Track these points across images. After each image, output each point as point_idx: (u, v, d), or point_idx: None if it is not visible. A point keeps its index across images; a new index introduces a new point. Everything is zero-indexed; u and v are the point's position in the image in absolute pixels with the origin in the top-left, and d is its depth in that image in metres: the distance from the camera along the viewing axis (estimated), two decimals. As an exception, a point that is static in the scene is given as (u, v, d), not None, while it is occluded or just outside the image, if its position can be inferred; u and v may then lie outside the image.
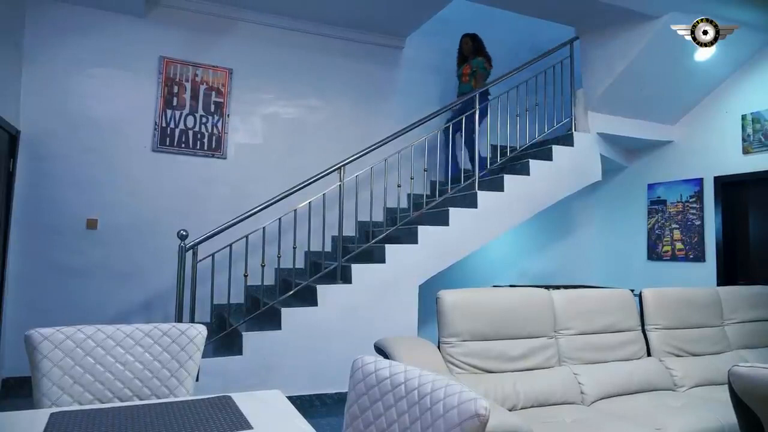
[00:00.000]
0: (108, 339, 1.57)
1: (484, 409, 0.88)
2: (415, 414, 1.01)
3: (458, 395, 0.93)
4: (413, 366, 2.59)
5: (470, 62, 5.13)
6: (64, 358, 1.50)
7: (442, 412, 0.93)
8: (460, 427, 0.88)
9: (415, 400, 1.02)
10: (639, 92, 4.93)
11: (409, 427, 1.01)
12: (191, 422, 1.34)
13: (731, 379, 1.19)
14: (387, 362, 1.19)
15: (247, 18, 4.94)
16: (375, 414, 1.12)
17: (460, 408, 0.90)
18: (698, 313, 3.41)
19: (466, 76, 5.10)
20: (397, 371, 1.13)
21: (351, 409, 1.19)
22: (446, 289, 2.83)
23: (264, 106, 5.04)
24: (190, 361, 1.62)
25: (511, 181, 4.58)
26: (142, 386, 1.57)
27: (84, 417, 1.34)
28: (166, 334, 1.63)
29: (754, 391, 1.13)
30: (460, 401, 0.91)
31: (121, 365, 1.56)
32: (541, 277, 5.93)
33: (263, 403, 1.51)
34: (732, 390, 1.19)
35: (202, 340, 1.66)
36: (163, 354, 1.61)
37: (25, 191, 4.15)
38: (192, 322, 3.67)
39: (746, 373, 1.17)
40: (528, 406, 2.64)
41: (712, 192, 5.04)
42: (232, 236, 3.93)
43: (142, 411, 1.40)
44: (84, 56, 4.40)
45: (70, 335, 1.53)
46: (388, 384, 1.13)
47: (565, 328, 3.00)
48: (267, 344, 3.76)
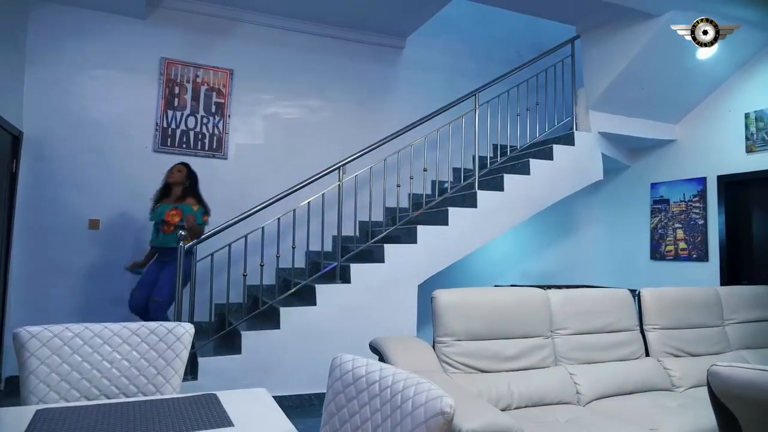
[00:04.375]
0: (95, 337, 1.58)
1: (449, 407, 0.88)
2: (387, 412, 1.01)
3: (426, 393, 0.93)
4: (407, 365, 2.60)
5: (181, 207, 3.83)
6: (51, 356, 1.52)
7: (411, 410, 0.93)
8: (425, 424, 0.88)
9: (387, 398, 1.03)
10: (640, 91, 4.90)
11: (381, 425, 1.02)
12: (174, 420, 1.35)
13: (709, 379, 1.19)
14: (364, 361, 1.20)
15: (247, 19, 4.97)
16: (350, 412, 1.13)
17: (426, 406, 0.90)
18: (698, 313, 3.38)
19: (170, 226, 3.75)
20: (372, 370, 1.14)
21: (328, 406, 1.20)
22: (441, 289, 2.84)
23: (264, 106, 5.06)
24: (177, 359, 1.64)
25: (511, 180, 4.57)
26: (128, 384, 1.58)
27: (69, 414, 1.36)
28: (153, 332, 1.64)
29: (732, 390, 1.12)
30: (427, 399, 0.91)
31: (108, 363, 1.57)
32: (543, 277, 5.91)
33: (248, 402, 1.52)
34: (710, 390, 1.19)
35: (189, 338, 1.67)
36: (150, 352, 1.62)
37: (27, 192, 4.19)
38: (192, 322, 3.71)
39: (724, 372, 1.16)
40: (522, 405, 2.63)
41: (716, 191, 4.99)
42: (232, 236, 3.95)
43: (127, 408, 1.42)
44: (86, 58, 4.44)
45: (57, 333, 1.54)
46: (363, 382, 1.13)
47: (561, 327, 2.99)
48: (266, 343, 3.78)
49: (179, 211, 3.80)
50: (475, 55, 5.97)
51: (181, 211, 3.80)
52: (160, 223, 3.83)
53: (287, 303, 4.00)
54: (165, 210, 3.82)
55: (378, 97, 5.53)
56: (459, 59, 5.90)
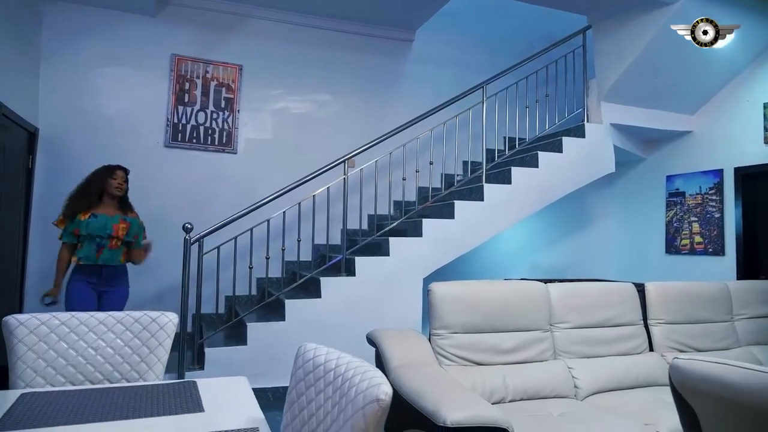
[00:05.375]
0: (81, 325, 1.64)
1: (385, 395, 0.89)
2: (336, 399, 1.03)
3: (368, 381, 0.94)
4: (402, 358, 2.62)
5: (129, 221, 3.36)
6: (39, 343, 1.58)
7: (353, 397, 0.95)
8: (362, 410, 0.89)
9: (338, 386, 1.04)
10: (654, 81, 4.79)
11: (330, 411, 1.04)
12: (149, 405, 1.39)
13: (671, 372, 1.17)
14: (325, 350, 1.21)
15: (256, 15, 5.01)
16: (308, 399, 1.15)
17: (365, 393, 0.92)
18: (705, 308, 3.31)
19: (118, 241, 3.27)
20: (330, 358, 1.15)
21: (290, 394, 1.22)
22: (438, 282, 2.84)
23: (273, 101, 5.11)
24: (160, 347, 1.68)
25: (518, 173, 4.52)
26: (112, 370, 1.64)
27: (50, 398, 1.41)
28: (138, 321, 1.69)
29: (690, 384, 1.11)
30: (367, 386, 0.93)
31: (93, 350, 1.63)
32: (555, 271, 5.84)
33: (226, 389, 1.55)
34: (671, 383, 1.17)
35: (172, 327, 1.71)
36: (134, 340, 1.67)
37: (43, 187, 4.32)
38: (199, 314, 3.80)
39: (683, 365, 1.15)
40: (517, 399, 2.62)
41: (732, 184, 4.86)
42: (240, 229, 4.01)
43: (107, 393, 1.47)
44: (98, 56, 4.55)
45: (44, 321, 1.61)
46: (321, 370, 1.15)
47: (561, 321, 2.96)
48: (271, 335, 3.83)
49: (127, 224, 3.32)
50: (486, 48, 5.91)
51: (129, 225, 3.33)
52: (105, 237, 3.21)
53: (294, 295, 4.04)
54: (111, 222, 3.25)
55: (387, 91, 5.53)
56: (469, 52, 5.85)
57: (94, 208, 3.26)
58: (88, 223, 3.19)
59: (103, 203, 3.33)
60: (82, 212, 3.21)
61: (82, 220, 3.19)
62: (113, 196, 3.36)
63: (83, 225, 3.18)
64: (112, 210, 3.34)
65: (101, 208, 3.30)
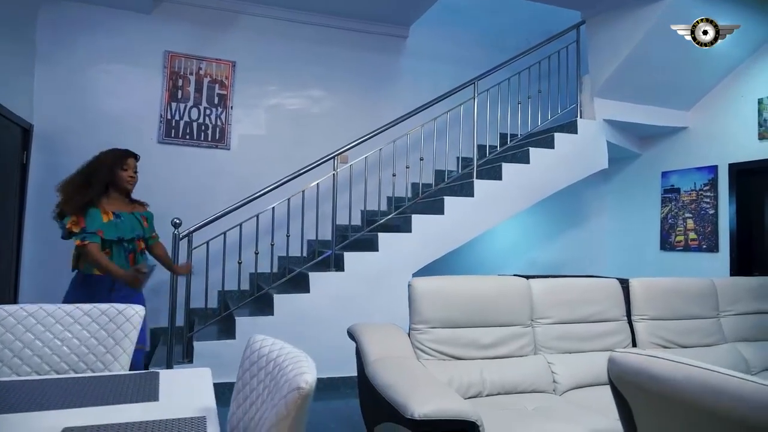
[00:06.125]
0: (48, 317, 1.67)
1: (306, 383, 0.91)
2: (271, 387, 1.05)
3: (296, 370, 0.96)
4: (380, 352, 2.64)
5: (146, 215, 2.93)
6: (5, 333, 1.61)
7: (281, 385, 0.97)
8: (285, 398, 0.91)
9: (274, 375, 1.07)
10: (648, 77, 4.76)
11: (265, 399, 1.06)
12: (107, 393, 1.43)
13: (608, 366, 1.19)
14: (271, 341, 1.24)
15: (249, 11, 5.04)
16: (250, 388, 1.17)
17: (290, 381, 0.94)
18: (690, 304, 3.29)
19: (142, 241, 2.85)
20: (273, 349, 1.17)
21: (237, 384, 1.25)
22: (419, 277, 2.86)
23: (267, 97, 5.13)
24: (125, 338, 1.71)
25: (509, 169, 4.52)
26: (78, 361, 1.67)
27: (12, 386, 1.45)
28: (105, 313, 1.72)
29: (624, 376, 1.12)
30: (294, 375, 0.95)
31: (60, 341, 1.66)
32: (550, 268, 5.83)
33: (187, 380, 1.58)
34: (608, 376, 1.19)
35: (138, 319, 1.75)
36: (100, 332, 1.70)
37: (38, 182, 4.38)
38: (188, 308, 3.84)
39: (619, 358, 1.16)
40: (494, 393, 2.63)
41: (727, 180, 4.83)
42: (231, 225, 4.05)
43: (69, 383, 1.50)
44: (93, 53, 4.59)
45: (12, 312, 1.64)
46: (263, 361, 1.17)
47: (543, 317, 2.97)
48: (259, 329, 3.85)
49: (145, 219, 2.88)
50: (482, 44, 5.90)
51: (147, 220, 2.89)
52: (132, 240, 2.70)
53: (284, 290, 4.07)
54: (137, 221, 2.78)
55: (381, 87, 5.54)
56: (464, 48, 5.84)
57: (99, 204, 2.62)
58: (116, 225, 2.59)
59: (110, 197, 2.70)
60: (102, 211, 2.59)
61: (105, 221, 2.57)
62: (123, 189, 2.78)
63: (111, 228, 2.57)
64: (125, 204, 2.78)
65: (113, 204, 2.68)
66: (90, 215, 2.55)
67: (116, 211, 2.65)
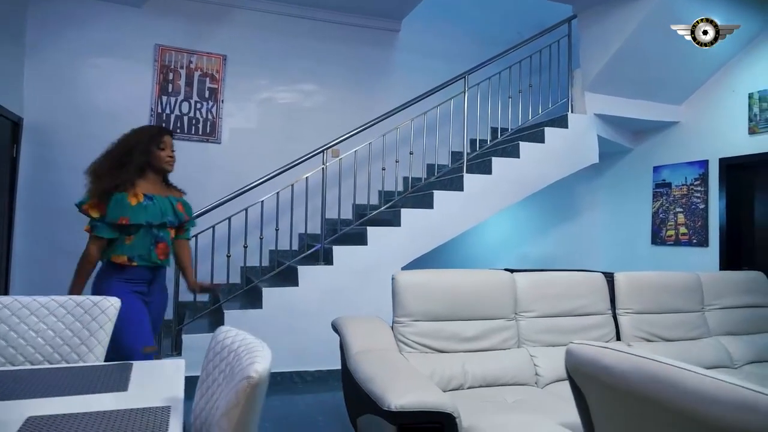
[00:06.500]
0: (23, 308, 1.69)
1: (255, 372, 0.92)
2: (229, 376, 1.07)
3: (250, 359, 0.98)
4: (363, 345, 2.65)
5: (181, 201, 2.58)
6: (-20, 325, 1.63)
7: (235, 374, 0.98)
8: (236, 387, 0.93)
9: (233, 364, 1.08)
10: (639, 71, 4.76)
11: (225, 389, 1.07)
12: (78, 384, 1.44)
13: (566, 357, 1.20)
14: (235, 332, 1.25)
15: (240, 5, 5.03)
16: (213, 378, 1.19)
17: (243, 370, 0.95)
18: (676, 298, 3.31)
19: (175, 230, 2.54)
20: (236, 340, 1.19)
21: (201, 374, 1.26)
22: (403, 270, 2.87)
23: (259, 91, 5.13)
24: (100, 330, 1.73)
25: (499, 163, 4.52)
26: (53, 352, 1.69)
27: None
28: (80, 305, 1.74)
29: (580, 368, 1.13)
30: (247, 364, 0.96)
31: (34, 332, 1.68)
32: (542, 262, 5.84)
33: (159, 372, 1.60)
34: (566, 368, 1.20)
35: (114, 311, 1.76)
36: (75, 323, 1.72)
37: (29, 176, 4.39)
38: (177, 301, 3.85)
39: (575, 350, 1.17)
40: (476, 386, 2.65)
41: (717, 174, 4.83)
42: (220, 218, 4.06)
43: (40, 373, 1.51)
44: (84, 46, 4.59)
45: (-14, 304, 1.66)
46: (225, 351, 1.19)
47: (527, 310, 2.98)
48: (249, 322, 3.88)
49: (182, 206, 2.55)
50: (474, 38, 5.89)
51: (183, 207, 2.57)
52: (163, 227, 2.38)
53: (274, 284, 4.09)
54: (172, 206, 2.46)
55: (373, 81, 5.53)
56: (456, 42, 5.83)
57: (131, 187, 2.27)
58: (145, 208, 2.26)
59: (146, 179, 2.38)
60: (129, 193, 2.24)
61: (133, 204, 2.23)
62: (162, 170, 2.47)
63: (137, 211, 2.23)
64: (161, 188, 2.47)
65: (148, 186, 2.36)
66: (115, 201, 2.19)
67: (148, 194, 2.32)
